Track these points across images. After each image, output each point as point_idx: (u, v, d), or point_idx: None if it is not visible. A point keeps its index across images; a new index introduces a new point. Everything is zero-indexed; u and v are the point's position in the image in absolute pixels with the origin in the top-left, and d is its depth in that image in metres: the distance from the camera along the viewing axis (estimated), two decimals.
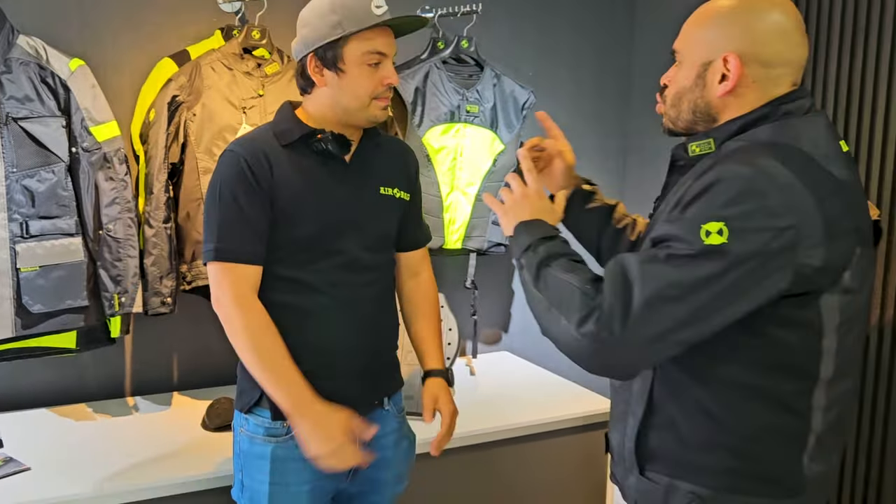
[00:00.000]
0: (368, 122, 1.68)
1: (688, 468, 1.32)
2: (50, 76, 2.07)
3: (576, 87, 3.09)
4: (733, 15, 1.33)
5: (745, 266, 1.17)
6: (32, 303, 2.07)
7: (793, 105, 1.31)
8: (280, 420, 1.64)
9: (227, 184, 1.59)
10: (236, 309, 1.57)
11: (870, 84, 2.35)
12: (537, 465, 2.42)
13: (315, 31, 1.61)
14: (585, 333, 1.21)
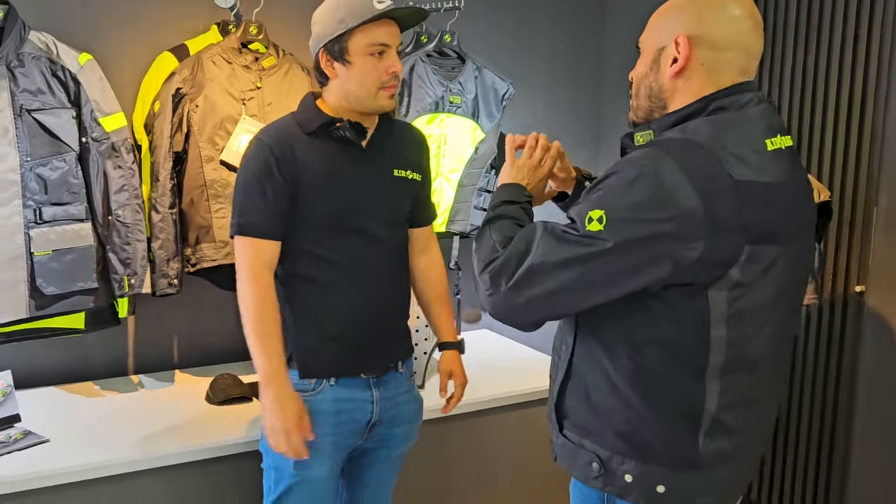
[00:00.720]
0: (378, 110, 1.82)
1: (592, 430, 1.42)
2: (60, 70, 2.18)
3: (551, 77, 3.26)
4: (688, 3, 1.38)
5: (617, 252, 1.25)
6: (46, 285, 2.18)
7: (727, 100, 1.33)
8: (307, 378, 1.82)
9: (252, 168, 1.77)
10: (249, 281, 1.76)
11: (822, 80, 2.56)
12: (519, 432, 2.59)
13: (324, 28, 1.77)
14: (484, 281, 1.36)
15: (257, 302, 1.75)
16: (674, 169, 1.25)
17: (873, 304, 2.48)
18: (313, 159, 1.78)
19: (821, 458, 2.64)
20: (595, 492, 1.44)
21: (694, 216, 1.24)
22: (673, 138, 1.32)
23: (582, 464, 1.44)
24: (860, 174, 2.49)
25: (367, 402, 1.86)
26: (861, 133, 2.48)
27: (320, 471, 1.82)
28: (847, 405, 2.56)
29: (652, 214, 1.25)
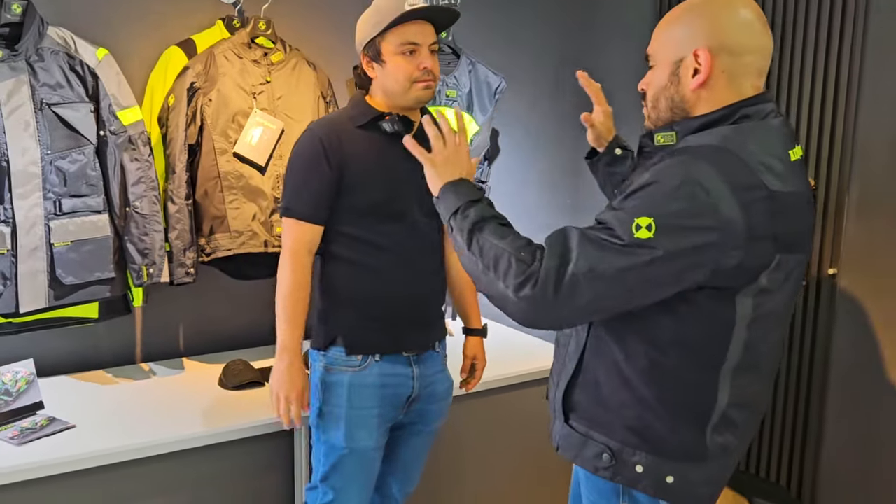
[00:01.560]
0: (415, 102, 1.95)
1: (602, 423, 1.47)
2: (79, 65, 2.23)
3: (539, 73, 3.39)
4: (697, 12, 1.41)
5: (666, 260, 1.28)
6: (65, 275, 2.23)
7: (752, 109, 1.38)
8: (354, 354, 1.95)
9: (302, 156, 1.93)
10: (290, 263, 1.92)
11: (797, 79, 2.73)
12: (519, 411, 2.72)
13: (362, 34, 1.94)
14: (523, 297, 1.32)
15: (292, 280, 1.91)
16: (715, 178, 1.29)
17: (845, 286, 2.66)
18: (361, 150, 1.92)
19: (795, 434, 2.82)
20: (606, 482, 1.49)
21: (736, 226, 1.29)
22: (705, 145, 1.36)
23: (591, 455, 1.49)
24: (833, 165, 2.67)
25: (408, 378, 2.00)
26: (834, 127, 2.66)
27: (367, 442, 1.97)
28: (821, 383, 2.75)
29: (698, 223, 1.28)
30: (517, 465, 2.76)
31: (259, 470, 2.26)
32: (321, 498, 2.02)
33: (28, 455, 1.97)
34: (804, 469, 2.80)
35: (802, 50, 2.71)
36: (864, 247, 2.60)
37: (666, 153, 1.42)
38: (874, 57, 2.52)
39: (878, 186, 2.54)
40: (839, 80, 2.63)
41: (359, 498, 2.02)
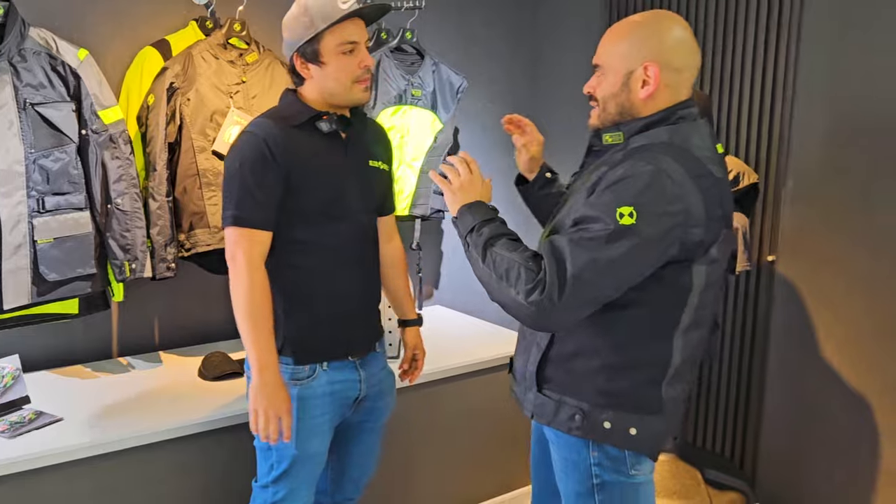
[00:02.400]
0: (354, 103, 1.92)
1: (574, 389, 1.66)
2: (60, 65, 2.26)
3: (495, 72, 3.54)
4: (644, 31, 1.63)
5: (649, 240, 1.49)
6: (48, 272, 2.27)
7: (686, 112, 1.63)
8: (302, 364, 1.91)
9: (247, 161, 1.83)
10: (246, 274, 1.82)
11: (737, 79, 2.94)
12: (474, 398, 2.87)
13: (293, 34, 1.87)
14: (532, 302, 1.50)
15: (254, 294, 1.82)
16: (679, 170, 1.52)
17: (782, 271, 2.89)
18: (303, 151, 1.87)
19: (739, 403, 3.05)
20: (581, 442, 1.67)
21: (697, 208, 1.53)
22: (660, 142, 1.59)
23: (564, 417, 1.67)
24: (770, 160, 2.89)
25: (355, 382, 2.00)
26: (771, 125, 2.88)
27: (319, 447, 1.97)
28: (761, 363, 2.97)
29: (670, 207, 1.50)
30: (469, 452, 2.90)
31: (243, 456, 2.34)
32: (271, 497, 1.99)
33: (19, 448, 2.02)
34: (746, 442, 3.03)
35: (742, 53, 2.92)
36: (799, 235, 2.83)
37: (619, 150, 1.64)
38: (807, 61, 2.74)
39: (811, 179, 2.77)
40: (776, 82, 2.84)
41: (307, 495, 2.01)
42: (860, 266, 2.65)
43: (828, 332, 2.77)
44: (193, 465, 2.27)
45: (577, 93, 3.70)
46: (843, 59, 2.65)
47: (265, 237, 1.86)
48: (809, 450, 2.84)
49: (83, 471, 2.08)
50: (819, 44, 2.71)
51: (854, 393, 2.70)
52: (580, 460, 1.69)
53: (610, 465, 1.66)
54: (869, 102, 2.60)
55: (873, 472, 2.67)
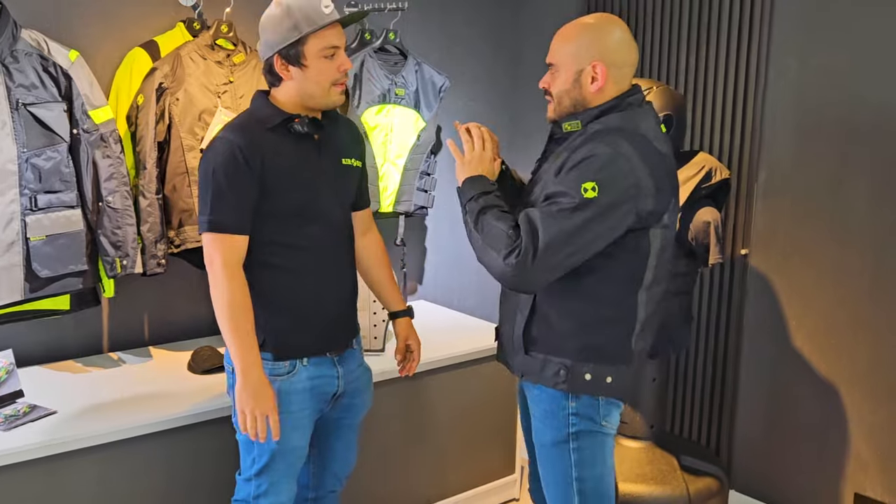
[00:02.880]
0: (330, 105, 1.97)
1: (556, 348, 1.89)
2: (52, 66, 2.32)
3: (476, 71, 3.62)
4: (591, 33, 1.88)
5: (610, 210, 1.74)
6: (41, 268, 2.32)
7: (633, 98, 1.89)
8: (282, 360, 1.96)
9: (221, 166, 1.85)
10: (224, 278, 1.86)
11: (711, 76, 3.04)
12: (458, 390, 2.95)
13: (276, 35, 1.89)
14: (509, 264, 1.75)
15: (234, 297, 1.86)
16: (631, 151, 1.77)
17: (755, 264, 2.99)
18: (276, 153, 1.91)
19: (714, 392, 3.15)
20: (559, 392, 1.89)
21: (647, 181, 1.77)
22: (615, 127, 1.83)
23: (550, 374, 1.89)
24: (743, 155, 2.98)
25: (334, 378, 2.05)
26: (743, 121, 2.97)
27: (300, 441, 2.02)
28: (735, 352, 3.07)
29: (625, 182, 1.75)
30: (455, 441, 2.98)
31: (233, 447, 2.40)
32: (255, 490, 2.03)
33: (15, 440, 2.08)
34: (721, 429, 3.13)
35: (715, 53, 3.02)
36: (770, 228, 2.93)
37: (578, 136, 1.87)
38: (777, 60, 2.84)
39: (782, 174, 2.87)
40: (747, 81, 2.94)
41: (289, 488, 2.06)
42: (830, 258, 2.76)
43: (799, 323, 2.87)
44: (184, 455, 2.33)
45: None
46: (812, 59, 2.75)
47: (241, 241, 1.90)
48: (782, 436, 2.94)
49: (78, 462, 2.14)
50: (788, 43, 2.81)
51: (824, 381, 2.81)
52: (558, 409, 1.90)
53: (585, 413, 1.89)
54: (836, 99, 2.70)
55: (842, 457, 2.78)
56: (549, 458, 1.96)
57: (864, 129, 2.64)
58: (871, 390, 2.69)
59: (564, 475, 1.93)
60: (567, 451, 1.91)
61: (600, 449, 1.93)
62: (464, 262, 3.72)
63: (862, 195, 2.66)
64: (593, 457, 1.92)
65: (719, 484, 2.67)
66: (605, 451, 1.94)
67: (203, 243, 1.90)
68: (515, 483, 3.20)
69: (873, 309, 2.66)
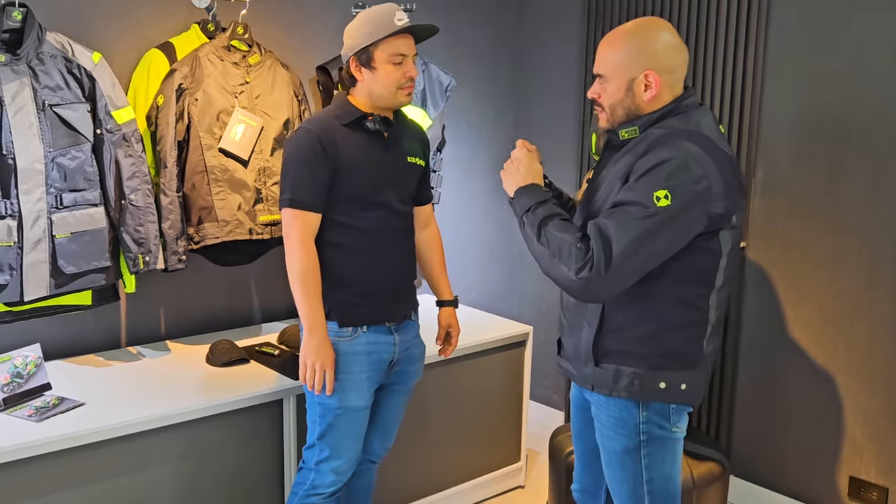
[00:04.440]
0: (397, 106, 2.20)
1: (629, 357, 1.86)
2: (76, 68, 2.38)
3: (480, 71, 3.71)
4: (639, 40, 1.84)
5: (683, 217, 1.72)
6: (66, 265, 2.39)
7: (689, 101, 1.86)
8: (346, 326, 2.17)
9: (302, 153, 2.10)
10: (300, 249, 2.10)
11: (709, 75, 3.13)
12: (467, 381, 3.04)
13: (354, 40, 2.14)
14: (582, 277, 1.72)
15: (305, 265, 2.09)
16: (699, 152, 1.75)
17: (753, 257, 3.09)
18: (350, 146, 2.14)
19: (714, 380, 3.24)
20: (632, 402, 1.87)
21: (718, 183, 1.75)
22: (679, 129, 1.80)
23: (624, 384, 1.86)
24: (742, 152, 3.08)
25: (390, 345, 2.24)
26: (741, 121, 3.07)
27: (358, 402, 2.20)
28: (734, 338, 3.17)
29: (697, 187, 1.73)
30: (466, 428, 3.08)
31: (254, 436, 2.49)
32: (318, 455, 2.22)
33: (48, 430, 2.14)
34: (721, 416, 3.23)
35: (714, 53, 3.11)
36: (768, 222, 3.02)
37: (639, 141, 1.83)
38: (774, 60, 2.94)
39: (780, 170, 2.97)
40: (745, 82, 3.03)
41: (351, 451, 2.25)
42: (825, 251, 2.86)
43: (796, 314, 2.97)
44: (211, 444, 2.41)
45: (556, 90, 3.91)
46: (807, 59, 2.85)
47: (315, 218, 2.13)
48: (779, 423, 3.05)
49: (110, 451, 2.22)
50: (785, 44, 2.90)
51: (821, 370, 2.91)
52: (629, 418, 1.88)
53: (656, 421, 1.88)
54: (831, 98, 2.80)
55: (838, 443, 2.89)
56: (620, 464, 1.94)
57: (859, 127, 2.74)
58: (866, 378, 2.80)
59: (635, 479, 1.92)
60: (639, 457, 1.90)
61: (671, 452, 1.92)
62: (467, 256, 3.81)
63: (856, 191, 2.76)
64: (663, 459, 1.91)
65: (721, 468, 2.77)
66: (675, 454, 1.94)
67: (282, 218, 2.14)
68: (521, 471, 3.29)
69: (868, 300, 2.77)
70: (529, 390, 3.29)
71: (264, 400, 2.47)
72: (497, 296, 3.94)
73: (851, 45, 2.73)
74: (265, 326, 3.10)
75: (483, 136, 3.78)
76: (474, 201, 3.76)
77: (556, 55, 3.71)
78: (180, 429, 2.33)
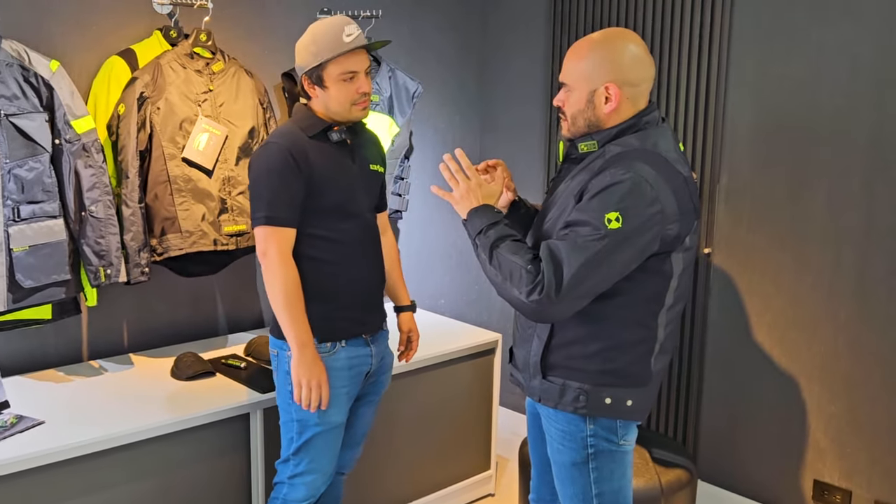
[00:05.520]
0: (352, 121, 2.20)
1: (576, 372, 1.86)
2: (33, 76, 2.31)
3: (446, 77, 3.69)
4: (603, 51, 1.81)
5: (634, 239, 1.70)
6: (24, 279, 2.32)
7: (650, 117, 1.84)
8: (325, 342, 2.15)
9: (274, 168, 2.07)
10: (280, 266, 2.06)
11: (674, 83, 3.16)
12: (435, 390, 3.03)
13: (303, 59, 2.13)
14: (533, 300, 1.71)
15: (289, 283, 2.06)
16: (654, 174, 1.74)
17: (718, 263, 3.12)
18: (319, 157, 2.13)
19: (681, 387, 3.27)
20: (579, 417, 1.88)
21: (672, 206, 1.74)
22: (634, 149, 1.79)
23: (569, 399, 1.87)
24: (706, 158, 3.11)
25: (368, 357, 2.25)
26: (706, 128, 3.10)
27: (338, 418, 2.19)
28: (700, 344, 3.20)
29: (650, 210, 1.72)
30: (434, 438, 3.07)
31: (221, 452, 2.45)
32: (292, 469, 2.20)
33: (6, 451, 2.08)
34: (688, 422, 3.26)
35: (678, 61, 3.14)
36: (732, 228, 3.06)
37: (596, 157, 1.84)
38: (736, 69, 2.97)
39: (743, 176, 3.00)
40: (709, 90, 3.06)
41: (328, 466, 2.23)
42: (788, 257, 2.90)
43: (758, 320, 3.01)
44: (178, 461, 2.36)
45: (522, 95, 3.92)
46: (769, 67, 2.88)
47: (292, 234, 2.10)
48: (744, 427, 3.08)
49: (71, 471, 2.16)
50: (747, 53, 2.94)
51: (784, 375, 2.95)
52: (577, 431, 1.89)
53: (603, 435, 1.88)
54: (792, 106, 2.84)
55: (802, 446, 2.93)
56: (569, 477, 1.95)
57: (820, 134, 2.78)
58: (828, 383, 2.84)
59: (585, 493, 1.93)
60: (587, 470, 1.91)
61: (619, 465, 1.93)
62: (434, 263, 3.79)
63: (818, 197, 2.80)
64: (612, 473, 1.92)
65: (689, 475, 2.79)
66: (624, 466, 1.94)
67: (257, 237, 2.10)
68: (491, 479, 3.29)
69: (830, 306, 2.81)
70: (499, 397, 3.29)
71: (232, 414, 2.43)
72: (465, 302, 3.93)
73: (811, 54, 2.77)
74: (231, 338, 3.05)
75: (450, 142, 3.76)
76: (441, 208, 3.75)
77: (522, 60, 3.71)
78: (145, 446, 2.28)
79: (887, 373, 2.71)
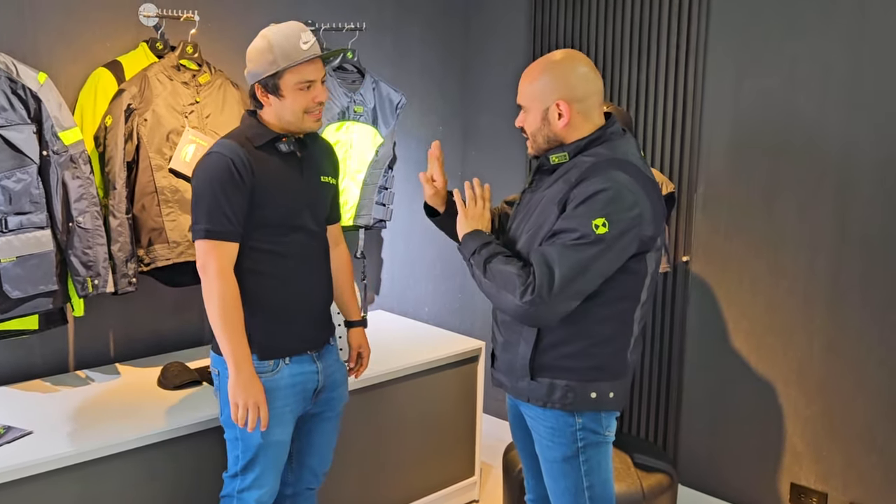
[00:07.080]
0: (305, 131, 2.14)
1: (562, 371, 1.97)
2: (21, 88, 2.32)
3: (427, 88, 3.74)
4: (551, 72, 1.95)
5: (619, 242, 1.84)
6: (12, 289, 2.33)
7: (613, 129, 1.97)
8: (266, 360, 2.10)
9: (216, 179, 2.00)
10: (218, 281, 2.00)
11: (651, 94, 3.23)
12: (418, 397, 3.06)
13: (257, 67, 2.06)
14: (526, 301, 1.83)
15: (227, 298, 2.00)
16: (630, 182, 1.87)
17: (696, 271, 3.19)
18: (264, 169, 2.07)
19: (661, 393, 3.33)
20: (566, 413, 1.98)
21: (647, 209, 1.88)
22: (609, 158, 1.91)
23: (558, 397, 1.97)
24: (683, 169, 3.18)
25: (314, 374, 2.19)
26: (683, 138, 3.17)
27: (281, 436, 2.14)
28: (679, 351, 3.26)
29: (630, 213, 1.85)
30: (417, 447, 3.10)
31: (211, 461, 2.45)
32: (240, 484, 2.17)
33: None
34: (668, 427, 3.32)
35: (655, 74, 3.21)
36: (709, 237, 3.13)
37: (569, 168, 1.95)
38: (712, 81, 3.04)
39: (719, 186, 3.07)
40: (686, 100, 3.14)
41: (274, 482, 2.19)
42: (764, 264, 2.97)
43: (736, 326, 3.07)
44: (166, 470, 2.37)
45: (501, 103, 3.99)
46: (745, 79, 2.96)
47: (233, 248, 2.04)
48: (723, 432, 3.15)
49: (60, 481, 2.16)
50: (722, 65, 3.01)
51: (761, 380, 3.02)
52: (566, 427, 1.99)
53: (591, 428, 2.00)
54: (766, 117, 2.91)
55: (779, 450, 2.99)
56: (561, 472, 2.03)
57: (795, 145, 2.86)
58: (804, 387, 2.91)
59: (576, 486, 2.02)
60: (577, 464, 2.01)
61: (604, 456, 2.04)
62: (417, 272, 3.83)
63: (792, 206, 2.88)
64: (599, 464, 2.02)
65: (670, 479, 2.84)
66: (608, 458, 2.05)
67: (197, 250, 2.03)
68: (475, 485, 3.32)
69: (804, 311, 2.88)
70: (483, 404, 3.33)
71: (219, 423, 2.44)
72: (448, 310, 3.97)
73: (788, 64, 2.84)
74: None
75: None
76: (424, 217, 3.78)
77: (503, 70, 3.77)
78: (134, 455, 2.29)
79: (861, 376, 2.78)
